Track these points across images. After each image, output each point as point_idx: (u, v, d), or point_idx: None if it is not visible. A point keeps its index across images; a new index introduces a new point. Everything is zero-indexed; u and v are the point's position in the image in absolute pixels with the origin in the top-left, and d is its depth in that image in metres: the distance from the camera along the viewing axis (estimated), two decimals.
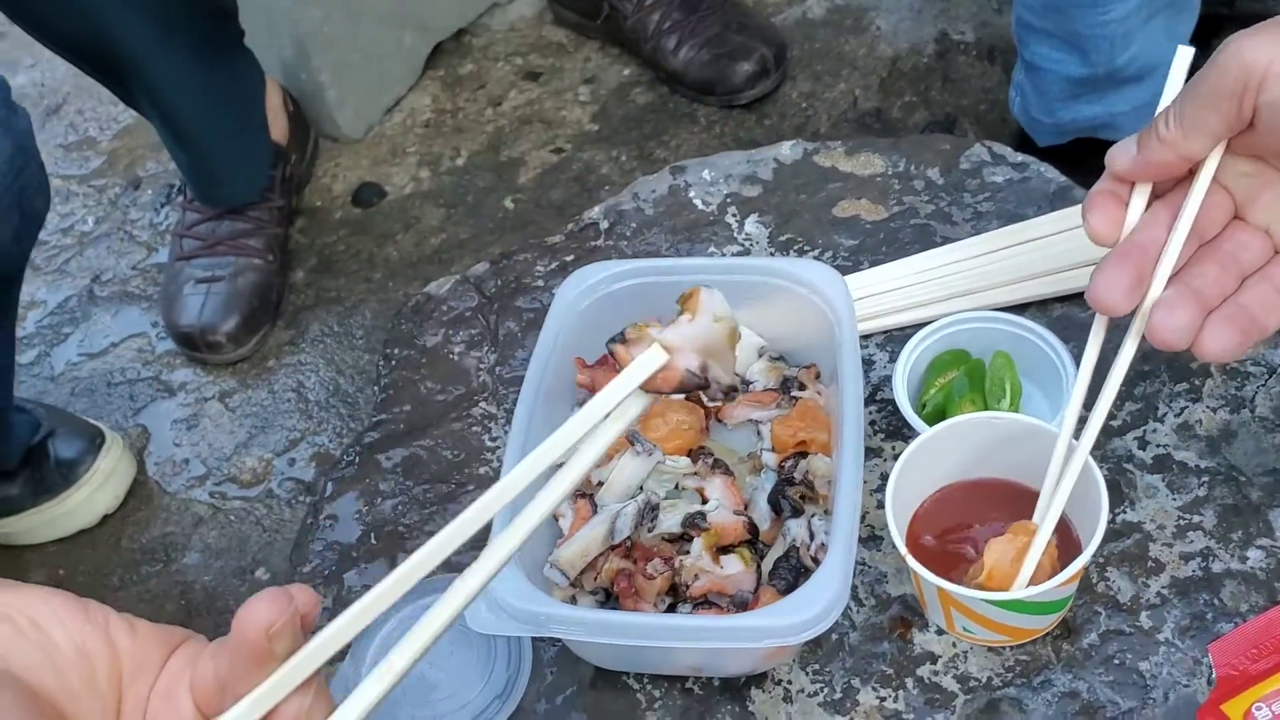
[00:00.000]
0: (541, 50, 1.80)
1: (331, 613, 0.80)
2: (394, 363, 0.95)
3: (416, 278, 1.48)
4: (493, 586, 0.66)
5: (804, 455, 0.76)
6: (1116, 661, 0.70)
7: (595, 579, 0.72)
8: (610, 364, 0.83)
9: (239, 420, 1.38)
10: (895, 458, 0.72)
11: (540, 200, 1.56)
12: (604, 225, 1.00)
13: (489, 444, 0.88)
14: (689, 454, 0.78)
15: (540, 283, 0.97)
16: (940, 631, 0.73)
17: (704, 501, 0.75)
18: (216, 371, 1.44)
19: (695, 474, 0.77)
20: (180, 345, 1.43)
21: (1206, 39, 1.44)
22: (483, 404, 0.91)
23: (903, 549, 0.67)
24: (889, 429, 0.83)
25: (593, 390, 0.82)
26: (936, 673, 0.71)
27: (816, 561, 0.70)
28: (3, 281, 1.02)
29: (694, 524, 0.72)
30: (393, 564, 0.82)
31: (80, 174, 1.75)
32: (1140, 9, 1.17)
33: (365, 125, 1.71)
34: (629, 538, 0.73)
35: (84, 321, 1.54)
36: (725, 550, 0.72)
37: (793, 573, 0.70)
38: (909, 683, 0.71)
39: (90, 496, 1.27)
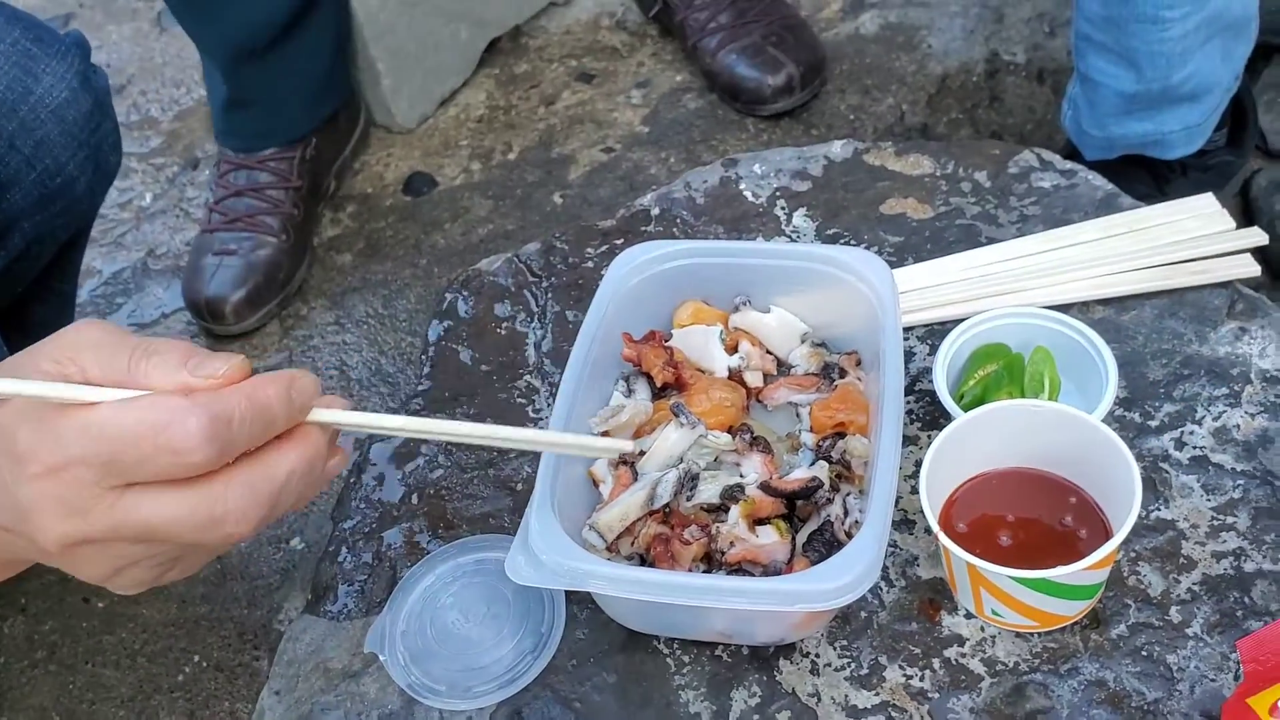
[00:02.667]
0: (596, 54, 1.83)
1: (370, 571, 0.82)
2: (442, 333, 0.98)
3: (462, 265, 1.51)
4: (532, 541, 0.68)
5: (842, 436, 0.78)
6: (1144, 653, 0.71)
7: (632, 544, 0.74)
8: (656, 339, 0.85)
9: None
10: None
11: (588, 197, 1.59)
12: (655, 212, 1.02)
13: (531, 415, 0.90)
14: (729, 430, 0.80)
15: (590, 264, 0.99)
16: (969, 615, 0.74)
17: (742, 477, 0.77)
18: (263, 345, 1.47)
19: (734, 450, 0.78)
20: (190, 312, 1.47)
21: (1257, 65, 1.45)
22: (527, 377, 0.93)
23: (934, 524, 0.69)
24: (926, 419, 0.84)
25: (637, 364, 0.84)
26: (964, 655, 0.72)
27: (850, 537, 0.71)
28: (73, 235, 1.05)
29: (732, 495, 0.74)
30: (433, 525, 0.84)
31: (140, 152, 1.80)
32: (1199, 29, 1.18)
33: (419, 116, 1.74)
34: (668, 505, 0.74)
35: (137, 293, 1.58)
36: (761, 523, 0.74)
37: (826, 546, 0.72)
38: (935, 663, 0.72)
39: None
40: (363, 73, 1.68)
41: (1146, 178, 1.32)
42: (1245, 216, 1.41)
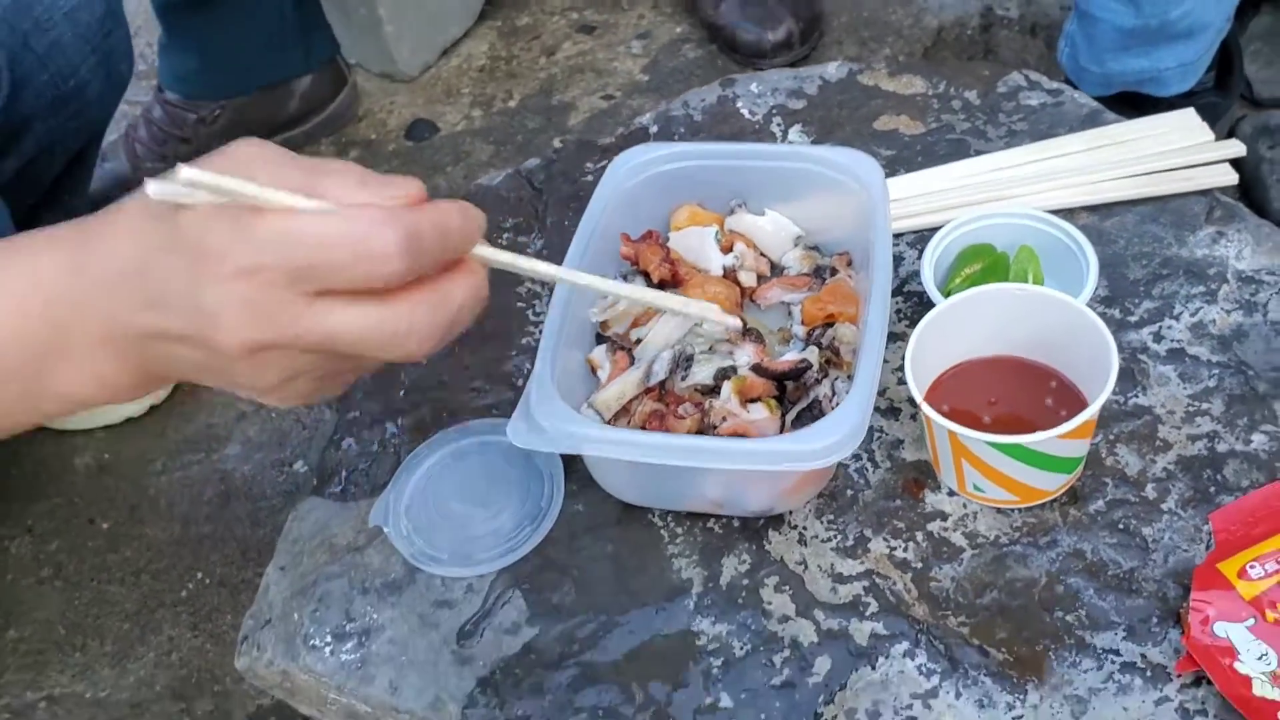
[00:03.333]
0: (597, 6, 1.85)
1: (374, 458, 0.85)
2: None
3: None
4: (532, 408, 0.71)
5: (831, 325, 0.80)
6: (1121, 526, 0.73)
7: (629, 422, 0.76)
8: (653, 238, 0.87)
9: None
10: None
11: (588, 141, 1.61)
12: (653, 130, 1.05)
13: (532, 318, 0.93)
14: None
15: (589, 178, 1.02)
16: (952, 493, 0.76)
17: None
18: None
19: (727, 340, 0.81)
20: None
21: (1244, 16, 1.48)
22: (528, 283, 0.95)
23: (918, 396, 0.71)
24: (914, 317, 0.86)
25: (635, 262, 0.86)
26: (946, 529, 0.75)
27: None
28: (83, 145, 1.08)
29: (725, 375, 0.76)
30: (436, 415, 0.86)
31: (145, 101, 1.82)
32: None
33: (421, 64, 1.76)
34: (663, 384, 0.77)
35: None
36: (752, 402, 0.76)
37: (814, 422, 0.74)
38: (919, 536, 0.75)
39: None
40: (364, 19, 1.71)
41: (1137, 116, 1.34)
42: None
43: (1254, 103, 1.52)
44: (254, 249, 0.47)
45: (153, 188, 0.47)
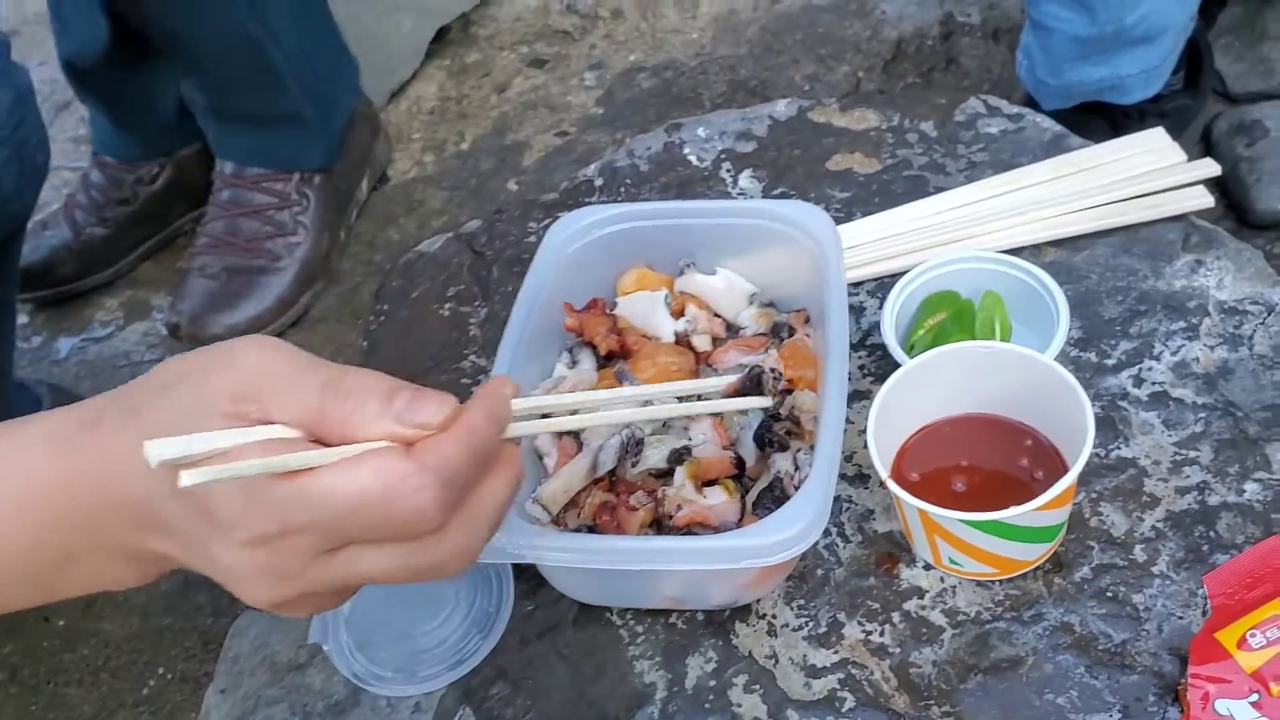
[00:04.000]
0: (548, 39, 1.81)
1: None
2: (382, 318, 0.95)
3: None
4: None
5: (790, 392, 0.75)
6: (1110, 595, 0.68)
7: (579, 515, 0.71)
8: (598, 307, 0.82)
9: None
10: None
11: (544, 182, 1.56)
12: (598, 182, 1.00)
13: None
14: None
15: (533, 239, 0.97)
16: (928, 567, 0.71)
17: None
18: None
19: (684, 416, 0.76)
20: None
21: (1211, 9, 1.43)
22: (472, 357, 0.91)
23: (883, 472, 0.66)
24: (878, 373, 0.82)
25: (580, 334, 0.81)
26: (924, 607, 0.70)
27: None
28: (6, 236, 1.03)
29: (679, 457, 0.71)
30: None
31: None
32: None
33: None
34: (612, 472, 0.72)
35: (87, 308, 1.55)
36: (709, 484, 0.71)
37: (776, 503, 0.69)
38: (895, 617, 0.70)
39: None
40: None
41: (1104, 125, 1.29)
42: None
43: (1228, 98, 1.47)
44: (274, 516, 0.43)
45: (186, 478, 0.42)
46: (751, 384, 0.70)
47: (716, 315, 0.84)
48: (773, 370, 0.71)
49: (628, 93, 1.69)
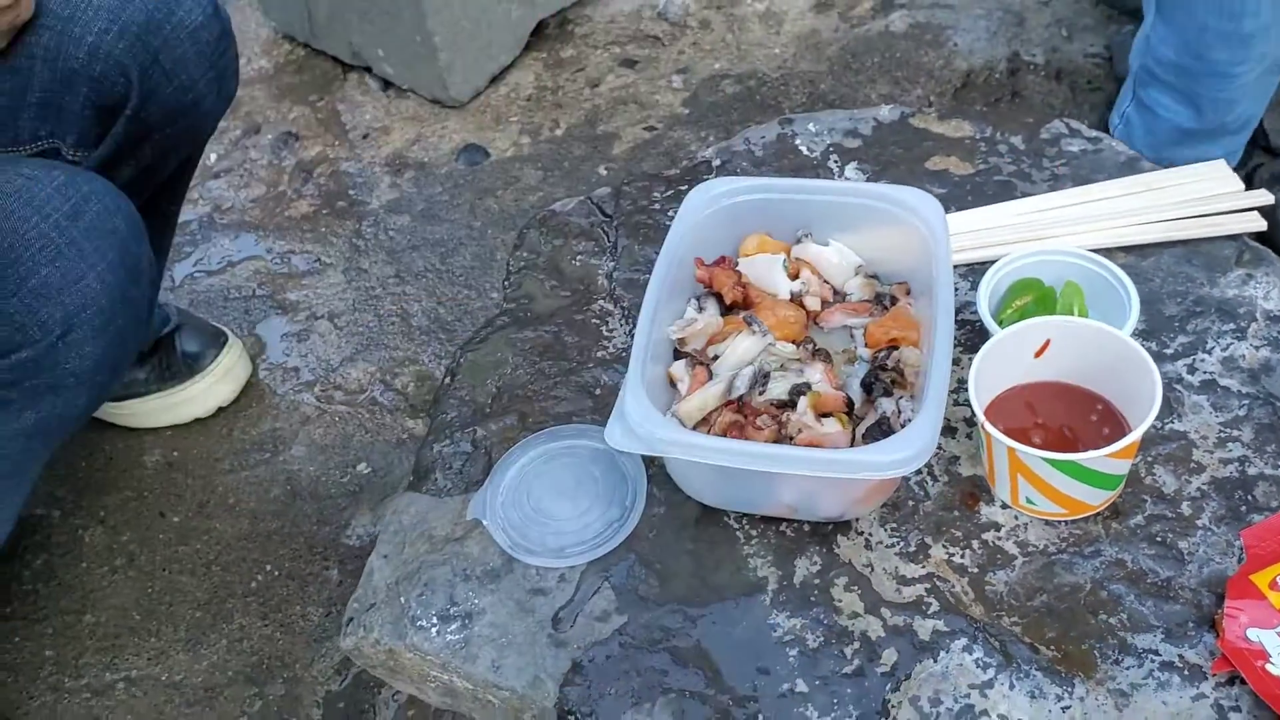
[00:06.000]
0: (639, 41, 1.93)
1: (466, 458, 0.91)
2: (521, 264, 1.07)
3: (513, 228, 1.61)
4: (627, 415, 0.78)
5: (895, 348, 0.88)
6: (1159, 539, 0.80)
7: (709, 431, 0.83)
8: (726, 263, 0.94)
9: (346, 337, 1.50)
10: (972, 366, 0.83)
11: (632, 170, 1.69)
12: (716, 163, 1.12)
13: (605, 334, 1.00)
14: (793, 343, 0.89)
15: (657, 206, 1.09)
16: (1004, 506, 0.83)
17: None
18: (327, 295, 1.56)
19: (798, 359, 0.88)
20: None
21: None
22: (600, 302, 1.02)
23: (980, 414, 0.78)
24: (967, 344, 0.94)
25: (709, 285, 0.94)
26: (1000, 538, 0.82)
27: (904, 429, 0.81)
28: (186, 157, 1.15)
29: (800, 391, 0.83)
30: (522, 420, 0.93)
31: None
32: (1259, 78, 1.31)
33: (471, 90, 1.84)
34: (741, 398, 0.84)
35: (204, 243, 1.67)
36: (824, 416, 0.83)
37: (883, 437, 0.81)
38: (974, 544, 0.81)
39: (210, 388, 1.39)
40: (419, 47, 1.78)
41: None
42: None
43: (1269, 151, 1.60)
44: None
45: None
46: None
47: (826, 281, 0.96)
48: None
49: (712, 96, 1.82)
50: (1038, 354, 0.84)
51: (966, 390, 0.81)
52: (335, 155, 1.80)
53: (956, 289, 0.98)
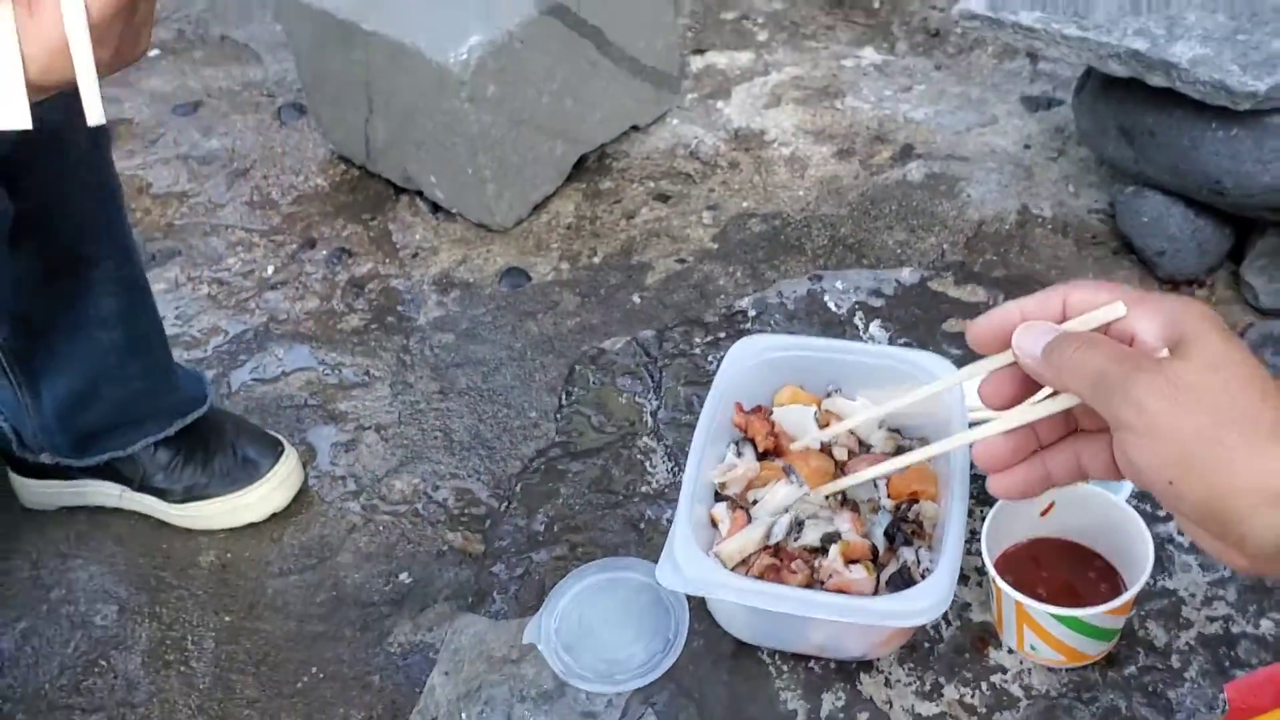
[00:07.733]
0: (672, 178, 2.07)
1: (521, 583, 1.00)
2: (572, 399, 1.18)
3: (551, 351, 1.71)
4: (677, 557, 0.87)
5: (915, 502, 0.97)
6: (1150, 689, 0.89)
7: (747, 572, 0.93)
8: (761, 412, 1.05)
9: (392, 450, 1.60)
10: (983, 518, 0.92)
11: (664, 300, 1.80)
12: (752, 313, 1.24)
13: (649, 469, 1.09)
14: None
15: (697, 351, 1.20)
16: (1010, 651, 0.92)
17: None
18: (374, 407, 1.66)
19: (828, 507, 0.98)
20: None
21: (1250, 236, 1.68)
22: (645, 439, 1.13)
23: (990, 568, 0.88)
24: (978, 496, 1.03)
25: (744, 430, 1.04)
26: (1006, 681, 0.90)
27: (922, 578, 0.90)
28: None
29: (831, 539, 0.93)
30: (572, 550, 1.02)
31: (263, 229, 2.02)
32: None
33: (515, 218, 1.97)
34: (778, 543, 0.93)
35: (259, 352, 1.78)
36: (852, 562, 0.93)
37: (904, 584, 0.90)
38: (984, 685, 0.90)
39: (268, 494, 1.48)
40: (470, 177, 1.92)
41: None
42: None
43: (1259, 311, 1.71)
44: None
45: None
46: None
47: (852, 433, 1.06)
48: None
49: (739, 234, 1.94)
50: (1043, 514, 0.93)
51: (979, 541, 0.90)
52: (386, 272, 1.91)
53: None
